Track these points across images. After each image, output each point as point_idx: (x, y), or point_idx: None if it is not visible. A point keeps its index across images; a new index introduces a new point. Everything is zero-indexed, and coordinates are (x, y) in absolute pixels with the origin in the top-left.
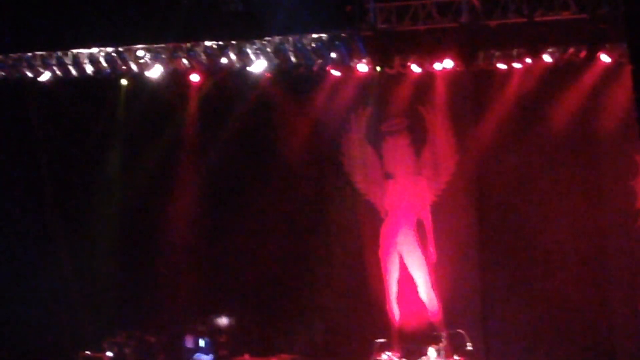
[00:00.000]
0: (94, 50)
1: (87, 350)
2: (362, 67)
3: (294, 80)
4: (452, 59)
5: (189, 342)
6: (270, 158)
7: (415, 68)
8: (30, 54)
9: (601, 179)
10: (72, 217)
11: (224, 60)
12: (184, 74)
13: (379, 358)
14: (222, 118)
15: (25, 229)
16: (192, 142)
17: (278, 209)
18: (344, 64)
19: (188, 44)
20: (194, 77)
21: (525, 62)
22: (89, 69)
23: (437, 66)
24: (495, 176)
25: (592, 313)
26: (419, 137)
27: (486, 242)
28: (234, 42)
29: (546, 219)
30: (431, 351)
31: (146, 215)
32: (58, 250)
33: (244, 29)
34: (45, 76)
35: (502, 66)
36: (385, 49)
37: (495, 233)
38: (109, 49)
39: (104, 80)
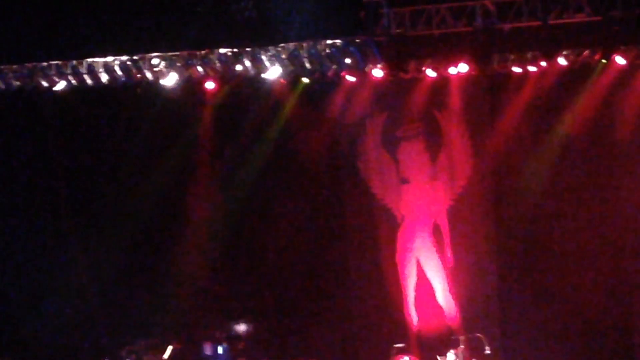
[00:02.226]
0: (109, 59)
1: (105, 359)
2: (377, 73)
3: (309, 86)
4: (467, 63)
5: (207, 350)
6: (286, 164)
7: (430, 72)
8: (45, 64)
9: (617, 182)
10: (88, 225)
11: (238, 67)
12: (198, 81)
13: None
14: (237, 125)
15: (42, 237)
16: (207, 149)
17: (294, 215)
18: (359, 69)
19: (202, 52)
20: (209, 85)
21: (540, 65)
22: (104, 77)
23: (452, 70)
24: (511, 180)
25: (609, 316)
26: (434, 141)
27: (503, 246)
28: (248, 49)
29: (563, 223)
30: (449, 355)
31: (163, 223)
32: (75, 259)
33: (258, 36)
34: (61, 85)
35: (517, 69)
36: (399, 54)
37: (513, 237)
38: (124, 58)
39: (119, 89)
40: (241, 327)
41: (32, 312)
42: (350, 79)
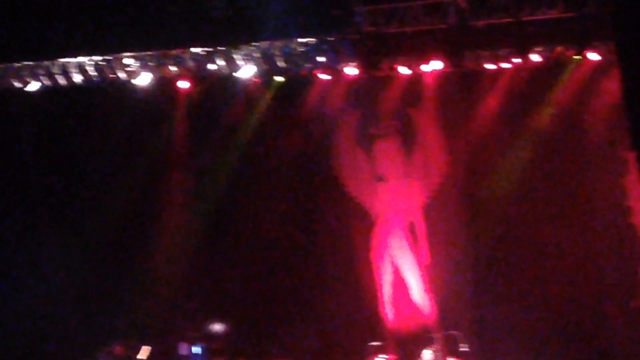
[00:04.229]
0: (82, 59)
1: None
2: (351, 71)
3: (282, 85)
4: (440, 60)
5: (183, 349)
6: (259, 163)
7: (404, 70)
8: (17, 64)
9: (592, 178)
10: (61, 226)
11: (211, 66)
12: (171, 81)
13: None
14: (210, 124)
15: (15, 238)
16: (181, 149)
17: (268, 214)
18: (332, 67)
19: (175, 51)
20: (182, 84)
21: (513, 61)
22: (77, 78)
23: (426, 68)
24: (486, 177)
25: (585, 313)
26: (409, 139)
27: (479, 243)
28: (221, 48)
29: (538, 218)
30: (426, 353)
31: (137, 223)
32: (49, 260)
33: (231, 35)
34: (34, 86)
35: (490, 66)
36: (373, 52)
37: (488, 235)
38: (97, 58)
39: (92, 89)
40: (216, 327)
41: (4, 314)
42: (324, 77)
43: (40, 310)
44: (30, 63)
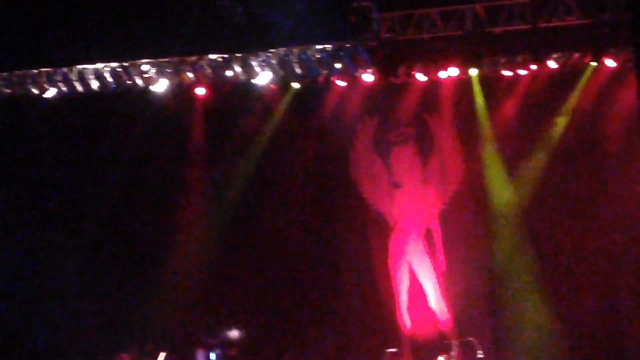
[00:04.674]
0: (99, 65)
1: None
2: (368, 77)
3: (299, 92)
4: (457, 66)
5: (199, 356)
6: (277, 170)
7: (421, 77)
8: (35, 71)
9: (608, 184)
10: (79, 233)
11: (229, 73)
12: (189, 87)
13: None
14: (228, 131)
15: (32, 245)
16: (198, 156)
17: (286, 221)
18: (349, 74)
19: (193, 58)
20: (200, 91)
21: (530, 68)
22: (95, 84)
23: (442, 74)
24: (503, 184)
25: (602, 320)
26: (426, 145)
27: (495, 249)
28: (238, 54)
29: (554, 225)
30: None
31: (155, 230)
32: (67, 266)
33: (249, 42)
34: (51, 93)
35: (507, 73)
36: (390, 59)
37: (504, 240)
38: (114, 64)
39: (109, 96)
40: (233, 334)
41: (22, 321)
42: (341, 83)
43: (58, 316)
44: (48, 70)
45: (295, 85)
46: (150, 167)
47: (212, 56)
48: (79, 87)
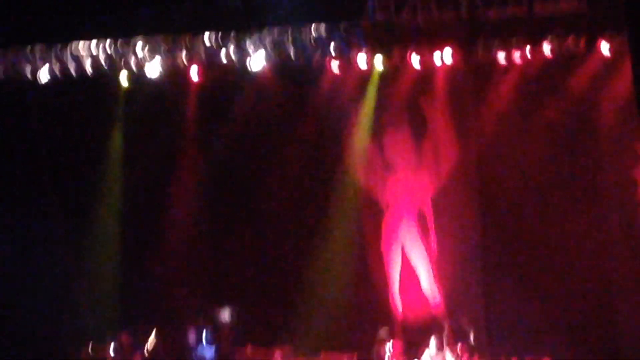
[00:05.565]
0: (93, 43)
1: (90, 345)
2: (362, 59)
3: (293, 73)
4: (452, 50)
5: (191, 335)
6: (270, 152)
7: (415, 60)
8: (27, 48)
9: (602, 169)
10: (73, 213)
11: (222, 53)
12: (183, 69)
13: (381, 349)
14: (221, 112)
15: (26, 226)
16: (192, 137)
17: (279, 203)
18: (343, 56)
19: (187, 38)
20: (193, 73)
21: (524, 53)
22: (88, 63)
23: (437, 58)
24: (496, 168)
25: (595, 306)
26: (419, 129)
27: (488, 233)
28: (232, 34)
29: (548, 210)
30: (433, 342)
31: (148, 210)
32: (59, 247)
33: (243, 22)
34: (44, 72)
35: (501, 57)
36: (384, 41)
37: (497, 225)
38: (107, 43)
39: (102, 77)
40: (225, 314)
41: (10, 303)
42: (335, 65)
43: (50, 295)
44: (40, 47)
45: (290, 66)
46: (143, 151)
47: (206, 36)
48: (72, 66)
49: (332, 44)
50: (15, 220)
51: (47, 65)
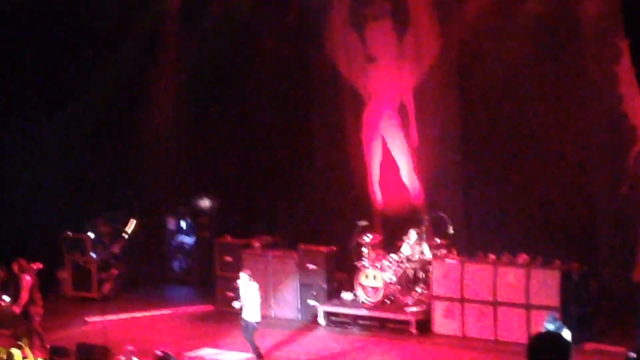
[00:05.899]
0: None
1: (69, 230)
2: None
3: None
4: None
5: (170, 224)
6: (252, 44)
7: None
8: None
9: (584, 64)
10: (54, 98)
11: None
12: None
13: (360, 240)
14: (202, 7)
15: (8, 118)
16: (173, 33)
17: (261, 94)
18: None
19: None
20: None
21: None
22: None
23: None
24: (478, 61)
25: (574, 198)
26: (402, 21)
27: (468, 126)
28: None
29: (528, 103)
30: (412, 233)
31: (130, 99)
32: (40, 132)
33: None
34: None
35: None
36: None
37: (478, 117)
38: None
39: None
40: (205, 203)
41: None
42: None
43: (32, 182)
44: None
45: None
46: (126, 38)
47: None
48: None
49: None
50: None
51: None
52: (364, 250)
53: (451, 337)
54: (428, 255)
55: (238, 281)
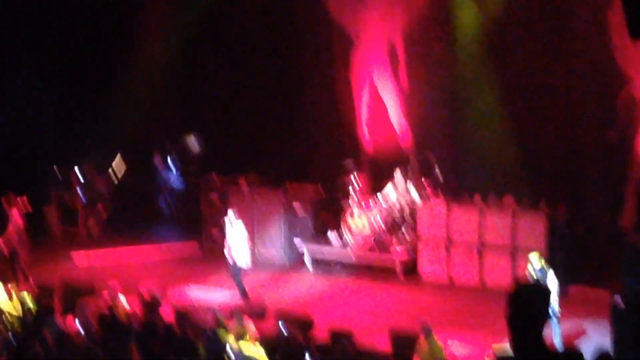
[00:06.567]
0: None
1: (57, 165)
2: None
3: None
4: None
5: (156, 160)
6: None
7: None
8: None
9: (575, 12)
10: (40, 37)
11: None
12: None
13: (346, 180)
14: None
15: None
16: None
17: (250, 32)
18: None
19: None
20: None
21: None
22: None
23: None
24: (470, 4)
25: (561, 142)
26: None
27: (458, 68)
28: None
29: (519, 45)
30: (398, 173)
31: (117, 35)
32: (27, 70)
33: None
34: None
35: None
36: None
37: (468, 60)
38: None
39: None
40: (191, 140)
41: None
42: None
43: (18, 118)
44: None
45: None
46: None
47: None
48: None
49: None
50: None
51: None
52: (350, 189)
53: (437, 279)
54: (415, 196)
55: (225, 218)
